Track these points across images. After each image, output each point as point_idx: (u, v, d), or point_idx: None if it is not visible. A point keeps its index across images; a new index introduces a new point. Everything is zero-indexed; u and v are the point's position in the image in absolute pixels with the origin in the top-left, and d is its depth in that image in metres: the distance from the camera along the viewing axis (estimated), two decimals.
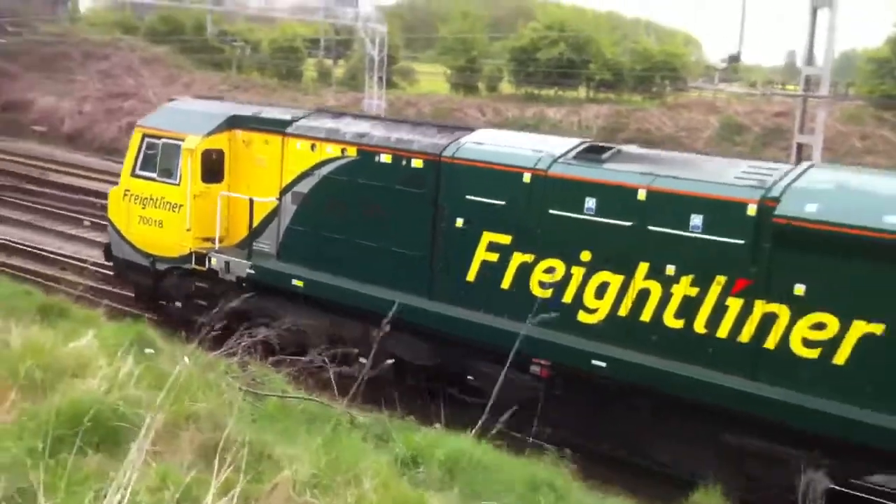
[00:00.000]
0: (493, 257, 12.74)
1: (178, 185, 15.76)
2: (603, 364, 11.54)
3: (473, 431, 9.44)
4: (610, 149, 12.69)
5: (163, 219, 16.09)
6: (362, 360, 11.92)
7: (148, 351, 8.15)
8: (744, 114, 38.52)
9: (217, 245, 15.56)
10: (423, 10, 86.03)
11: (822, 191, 10.61)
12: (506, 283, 12.60)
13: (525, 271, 12.42)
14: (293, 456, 6.62)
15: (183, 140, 15.69)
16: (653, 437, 11.53)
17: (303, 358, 11.33)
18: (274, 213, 15.16)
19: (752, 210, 10.68)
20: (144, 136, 16.58)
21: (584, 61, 43.79)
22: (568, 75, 44.00)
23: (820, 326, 10.29)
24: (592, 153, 12.49)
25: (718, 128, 37.86)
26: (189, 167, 15.51)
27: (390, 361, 12.10)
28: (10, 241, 22.62)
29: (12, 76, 45.71)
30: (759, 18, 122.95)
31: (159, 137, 16.24)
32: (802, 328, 10.40)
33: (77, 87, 44.87)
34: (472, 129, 14.38)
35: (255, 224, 15.32)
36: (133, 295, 17.65)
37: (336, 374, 11.07)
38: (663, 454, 11.29)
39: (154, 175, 16.25)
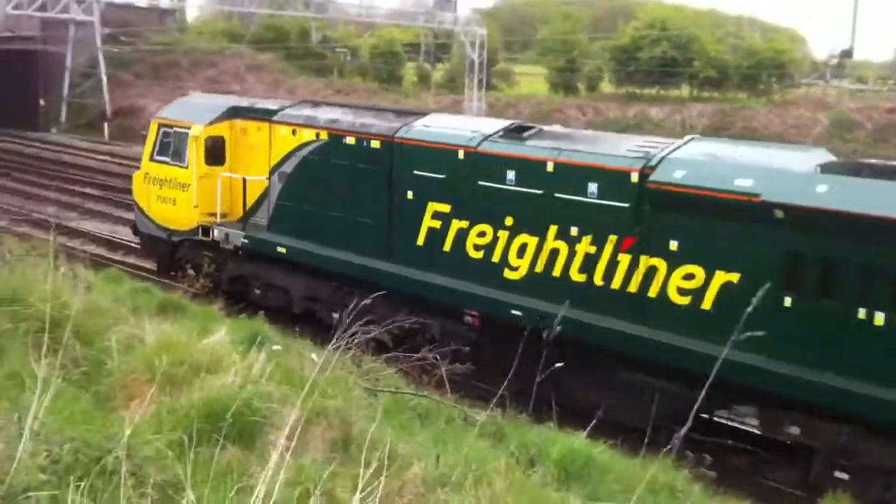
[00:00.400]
0: (437, 224, 14.52)
1: (187, 167, 17.84)
2: (519, 313, 13.15)
3: (587, 431, 9.37)
4: (532, 128, 14.38)
5: (175, 197, 18.24)
6: (334, 315, 13.79)
7: (276, 347, 8.33)
8: (856, 110, 37.27)
9: (218, 219, 17.52)
10: (521, 12, 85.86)
11: (692, 160, 12.11)
12: (447, 247, 14.35)
13: (462, 236, 14.17)
14: (417, 452, 6.66)
15: (190, 128, 17.79)
16: (562, 378, 11.63)
17: (415, 355, 11.54)
18: (265, 191, 17.17)
19: (634, 178, 12.19)
20: (160, 125, 18.73)
21: (687, 59, 43.10)
22: (670, 74, 43.37)
23: (690, 277, 11.85)
24: (517, 132, 14.11)
25: (828, 125, 36.74)
26: (195, 152, 17.66)
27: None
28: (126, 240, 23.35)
29: (125, 84, 47.37)
30: (868, 13, 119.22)
31: (171, 127, 18.41)
32: (676, 279, 11.99)
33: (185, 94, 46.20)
34: (425, 114, 16.17)
35: (250, 200, 17.38)
36: (156, 266, 19.81)
37: (448, 372, 11.20)
38: (572, 392, 12.05)
39: (168, 159, 18.37)
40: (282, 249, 16.50)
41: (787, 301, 10.96)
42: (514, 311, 13.23)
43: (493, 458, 8.12)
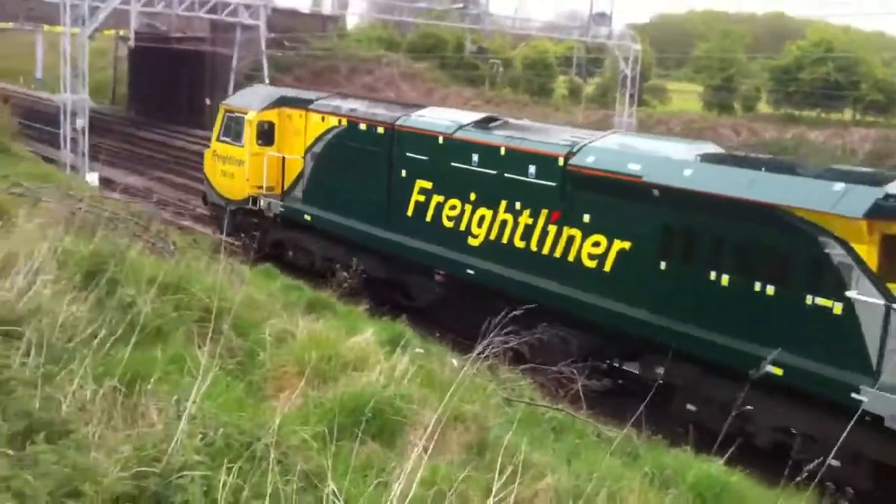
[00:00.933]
0: (422, 198, 17.36)
1: (243, 146, 20.84)
2: (472, 272, 16.07)
3: (724, 458, 9.17)
4: (499, 120, 17.44)
5: (234, 172, 21.32)
6: (344, 273, 15.29)
7: (418, 350, 8.54)
8: None
9: (265, 191, 20.60)
10: (677, 28, 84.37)
11: (604, 148, 14.81)
12: (428, 217, 17.17)
13: (439, 208, 17.01)
14: (550, 463, 6.71)
15: (246, 113, 20.92)
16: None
17: (552, 367, 11.61)
18: (301, 168, 20.26)
19: (560, 162, 14.89)
20: (226, 111, 22.05)
21: (852, 82, 41.32)
22: (833, 96, 41.69)
23: (597, 244, 14.42)
24: (485, 123, 17.04)
25: None
26: (249, 133, 20.68)
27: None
28: None
29: (286, 87, 49.06)
30: None
31: (233, 112, 21.61)
32: (588, 246, 14.57)
33: None
34: (425, 107, 19.53)
35: (289, 176, 20.54)
36: (215, 229, 22.80)
37: (584, 388, 11.19)
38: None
39: (229, 139, 21.44)
40: (308, 218, 19.71)
41: (663, 265, 13.43)
42: (468, 271, 16.14)
43: (627, 476, 8.09)
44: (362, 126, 18.80)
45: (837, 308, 11.52)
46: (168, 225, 17.99)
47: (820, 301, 11.70)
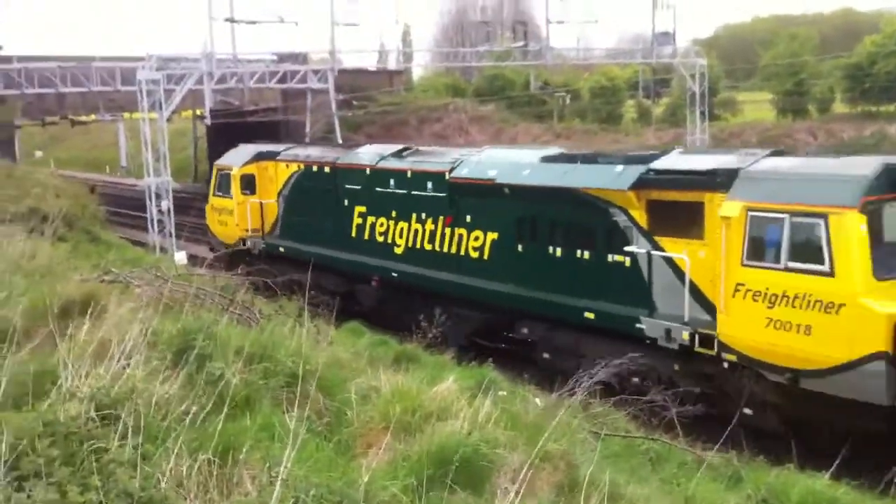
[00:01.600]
0: (360, 221, 21.44)
1: (232, 198, 25.40)
2: (395, 275, 19.85)
3: (829, 473, 8.97)
4: (411, 149, 21.41)
5: (227, 220, 25.88)
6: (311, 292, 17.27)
7: (500, 393, 8.61)
8: None
9: (250, 232, 24.99)
10: (742, 37, 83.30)
11: (475, 160, 18.68)
12: (366, 236, 21.17)
13: (373, 227, 21.03)
14: (646, 496, 6.69)
15: (231, 169, 25.56)
16: (428, 317, 16.07)
17: (642, 398, 11.53)
18: (276, 209, 24.68)
19: (447, 176, 18.79)
20: (217, 170, 26.63)
21: None
22: None
23: (477, 238, 18.12)
24: (400, 153, 21.11)
25: None
26: (234, 186, 25.24)
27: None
28: None
29: (359, 144, 49.90)
30: None
31: (223, 170, 26.18)
32: (471, 241, 18.25)
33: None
34: (361, 146, 24.27)
35: (268, 217, 25.01)
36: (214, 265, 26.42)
37: (679, 414, 11.10)
38: (435, 328, 14.89)
39: (222, 193, 26.05)
40: (282, 249, 23.94)
41: (520, 248, 17.20)
42: (393, 274, 19.94)
43: (729, 500, 7.98)
44: (315, 168, 23.32)
45: (627, 262, 15.09)
46: (253, 293, 18.45)
47: (615, 258, 15.32)
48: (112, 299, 8.66)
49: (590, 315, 15.43)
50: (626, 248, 14.84)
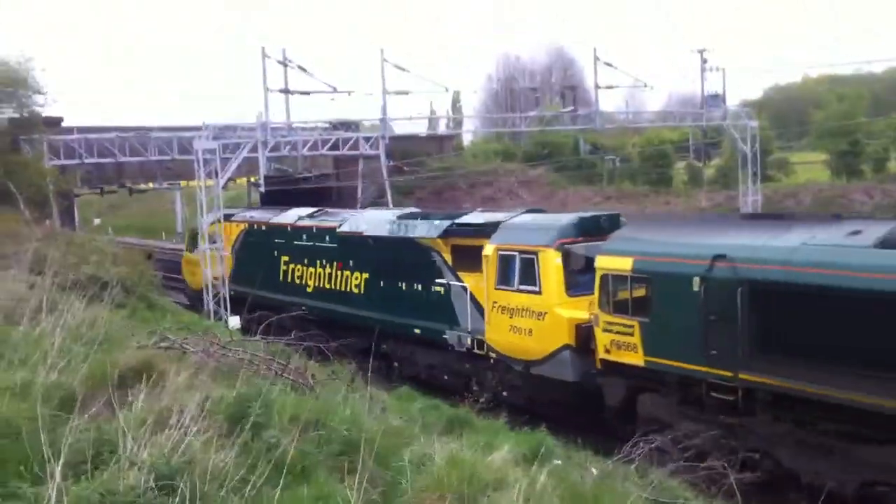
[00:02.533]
0: (286, 268, 27.81)
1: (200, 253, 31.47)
2: (304, 308, 21.02)
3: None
4: (322, 211, 28.25)
5: (196, 270, 32.33)
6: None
7: (556, 462, 8.50)
8: None
9: (210, 280, 30.08)
10: (793, 98, 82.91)
11: (353, 218, 25.55)
12: (290, 280, 27.40)
13: (293, 272, 27.40)
14: None
15: (199, 229, 31.61)
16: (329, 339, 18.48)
17: (701, 464, 11.32)
18: (231, 261, 30.65)
19: (338, 231, 25.19)
20: (189, 229, 34.69)
21: None
22: None
23: (357, 278, 24.38)
24: (313, 214, 27.74)
25: None
26: (201, 242, 31.01)
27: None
28: None
29: (410, 209, 50.27)
30: None
31: (194, 230, 33.02)
32: (353, 280, 24.54)
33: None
34: (291, 208, 30.06)
35: (228, 267, 30.55)
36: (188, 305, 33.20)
37: (738, 481, 10.86)
38: (348, 353, 16.92)
39: (192, 247, 33.28)
40: (232, 293, 29.21)
41: (381, 283, 23.41)
42: (303, 308, 21.33)
43: None
44: (255, 226, 30.12)
45: (441, 290, 21.31)
46: (307, 358, 18.54)
47: (435, 288, 21.48)
48: (170, 366, 8.77)
49: (417, 330, 22.06)
50: (438, 280, 21.31)
